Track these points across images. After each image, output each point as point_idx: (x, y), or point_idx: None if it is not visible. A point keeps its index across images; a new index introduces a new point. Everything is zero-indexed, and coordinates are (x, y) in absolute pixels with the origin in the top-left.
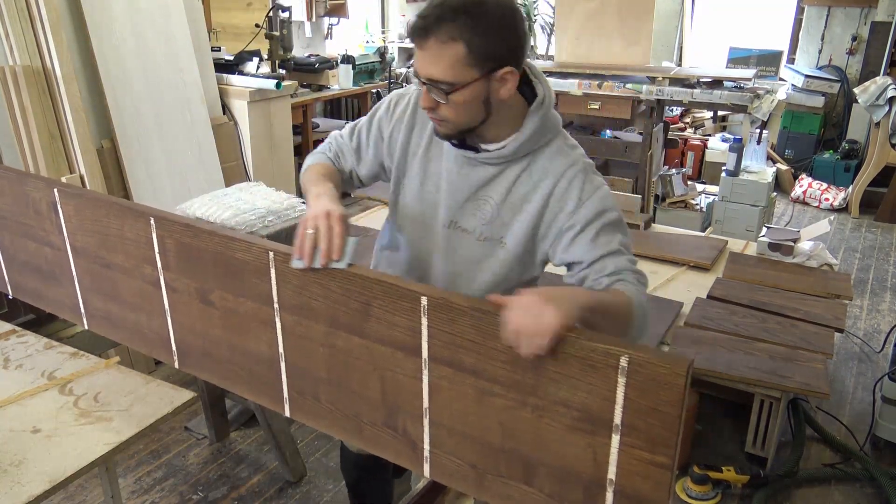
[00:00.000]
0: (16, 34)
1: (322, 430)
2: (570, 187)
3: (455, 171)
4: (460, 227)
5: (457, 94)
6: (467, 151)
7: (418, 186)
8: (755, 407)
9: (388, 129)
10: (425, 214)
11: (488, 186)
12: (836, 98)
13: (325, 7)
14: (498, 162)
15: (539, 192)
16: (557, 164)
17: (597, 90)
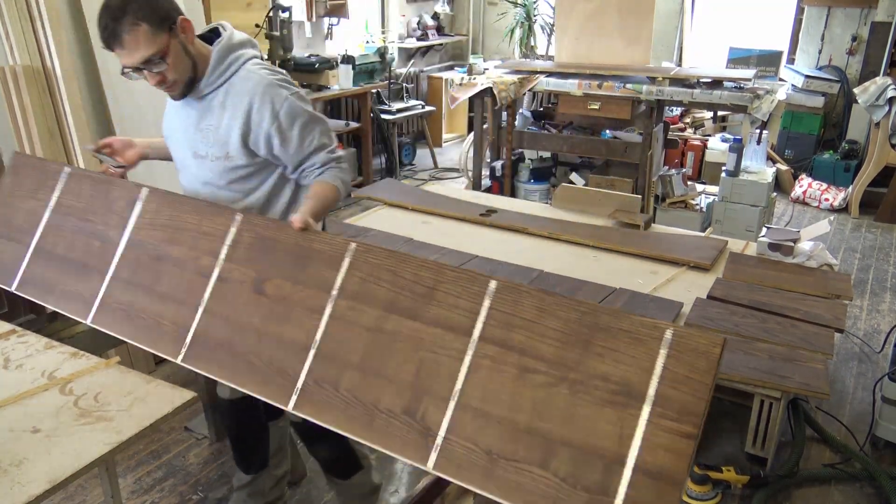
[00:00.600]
0: (16, 34)
1: (326, 423)
2: (262, 103)
3: (181, 115)
4: (199, 154)
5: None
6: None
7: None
8: (755, 407)
9: None
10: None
11: (204, 118)
12: (836, 98)
13: (325, 7)
14: (200, 96)
15: (240, 109)
16: (249, 84)
17: (597, 90)
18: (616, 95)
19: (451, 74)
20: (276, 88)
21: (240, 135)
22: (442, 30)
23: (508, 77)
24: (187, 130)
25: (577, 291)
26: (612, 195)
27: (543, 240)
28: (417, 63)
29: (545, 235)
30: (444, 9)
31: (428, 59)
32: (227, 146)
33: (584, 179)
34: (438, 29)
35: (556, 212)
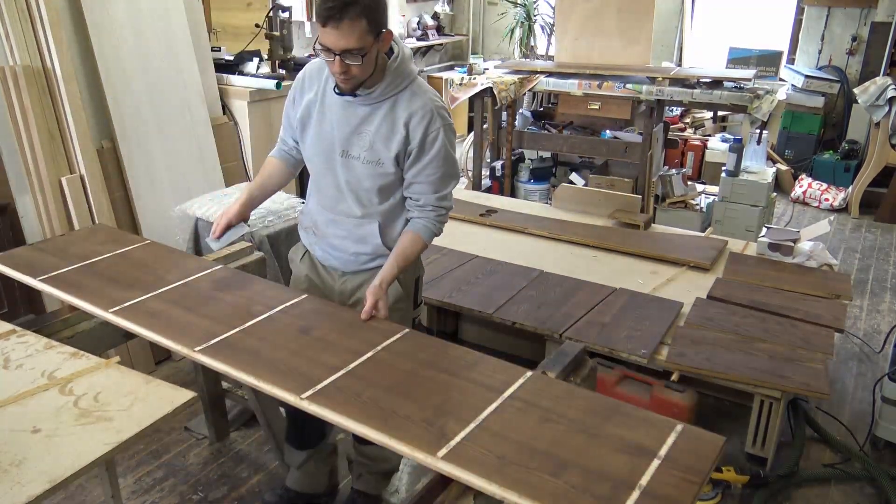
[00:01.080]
0: (16, 34)
1: (338, 416)
2: (420, 122)
3: (341, 114)
4: (350, 154)
5: (367, 56)
6: (347, 97)
7: (318, 128)
8: (755, 407)
9: (294, 104)
10: (326, 151)
11: (365, 123)
12: (836, 98)
13: None
14: (369, 103)
15: (400, 124)
16: (414, 103)
17: (597, 90)
18: (616, 95)
19: (451, 74)
20: (436, 115)
21: (396, 147)
22: (442, 30)
23: (508, 77)
24: (343, 129)
25: (577, 291)
26: (612, 195)
27: (543, 240)
28: (417, 63)
29: (545, 235)
30: (444, 9)
31: (428, 59)
32: (381, 154)
33: (584, 179)
34: (438, 29)
35: (556, 212)
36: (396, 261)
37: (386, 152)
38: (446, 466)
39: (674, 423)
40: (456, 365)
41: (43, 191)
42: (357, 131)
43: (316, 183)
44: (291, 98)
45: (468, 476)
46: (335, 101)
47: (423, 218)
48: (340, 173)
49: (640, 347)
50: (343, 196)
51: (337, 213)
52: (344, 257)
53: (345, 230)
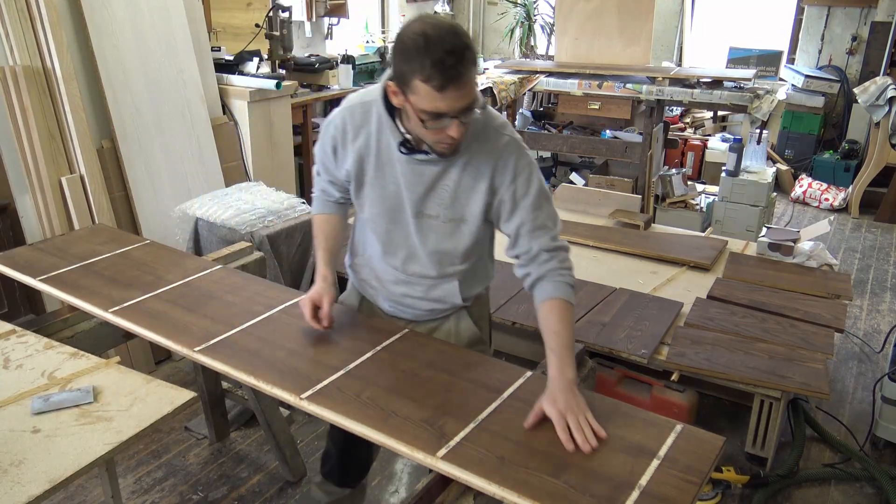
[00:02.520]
0: (16, 34)
1: (337, 416)
2: (507, 164)
3: (410, 172)
4: (426, 214)
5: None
6: (418, 154)
7: (379, 187)
8: (755, 407)
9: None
10: (392, 209)
11: (442, 178)
12: (836, 98)
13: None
14: (438, 161)
15: (484, 172)
16: (493, 145)
17: (597, 90)
18: (616, 95)
19: None
20: (519, 149)
21: (482, 200)
22: None
23: (508, 77)
24: (415, 189)
25: (578, 291)
26: (612, 195)
27: None
28: None
29: None
30: (444, 9)
31: None
32: (464, 210)
33: (584, 179)
34: None
35: None
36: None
37: (470, 207)
38: (446, 466)
39: (673, 423)
40: (456, 365)
41: (43, 191)
42: (432, 189)
43: (379, 238)
44: (331, 149)
45: (468, 476)
46: (397, 158)
47: (549, 273)
48: (414, 235)
49: (640, 347)
50: (416, 257)
51: (409, 274)
52: (415, 312)
53: (419, 292)
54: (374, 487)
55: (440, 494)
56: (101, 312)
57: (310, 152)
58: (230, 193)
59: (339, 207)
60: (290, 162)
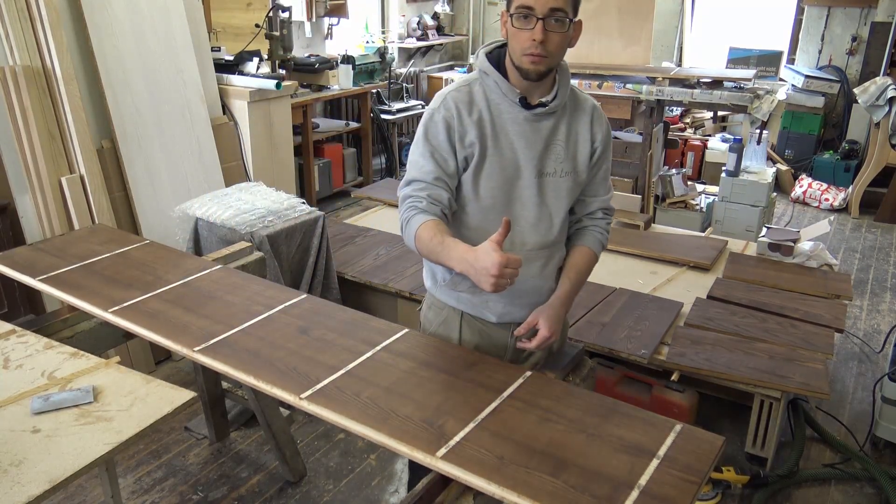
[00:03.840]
0: (16, 34)
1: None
2: (598, 120)
3: (528, 131)
4: (546, 172)
5: (563, 27)
6: (536, 109)
7: (498, 158)
8: (755, 407)
9: (457, 136)
10: (511, 179)
11: (555, 132)
12: (836, 98)
13: (325, 7)
14: (554, 111)
15: (585, 127)
16: (586, 102)
17: (597, 90)
18: (616, 95)
19: (451, 74)
20: (601, 111)
21: (587, 152)
22: (442, 30)
23: None
24: (534, 147)
25: None
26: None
27: None
28: (417, 63)
29: None
30: (444, 9)
31: (428, 59)
32: (576, 161)
33: None
34: (438, 29)
35: None
36: (573, 278)
37: (580, 157)
38: (446, 466)
39: (673, 422)
40: (455, 365)
41: (43, 191)
42: (548, 145)
43: (495, 221)
44: (445, 135)
45: (468, 476)
46: (514, 118)
47: (593, 227)
48: (534, 197)
49: (640, 347)
50: (538, 225)
51: (528, 246)
52: (536, 300)
53: (537, 267)
54: (374, 487)
55: (440, 494)
56: (101, 312)
57: (310, 152)
58: (230, 193)
59: (445, 218)
60: (290, 162)
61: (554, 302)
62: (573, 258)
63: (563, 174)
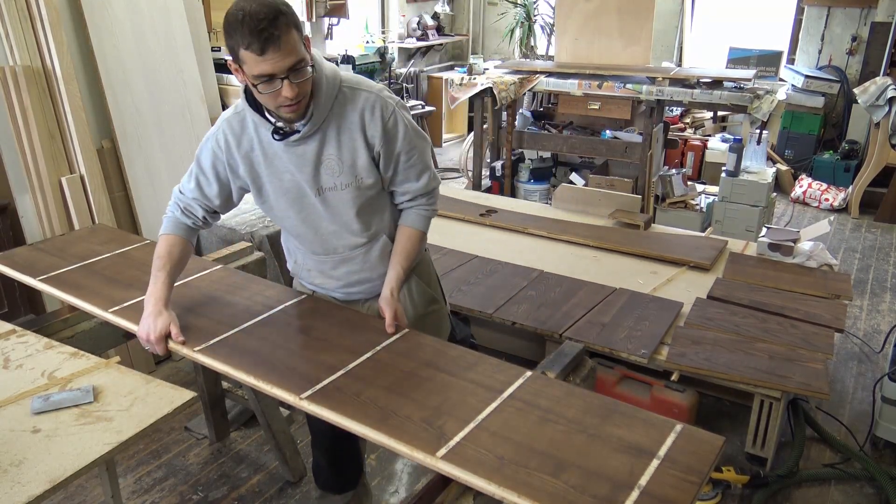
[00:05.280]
0: (16, 34)
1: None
2: (373, 117)
3: (293, 155)
4: (326, 188)
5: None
6: (290, 137)
7: (277, 182)
8: (755, 407)
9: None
10: (297, 198)
11: (324, 149)
12: (836, 98)
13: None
14: (314, 130)
15: (356, 130)
16: (358, 102)
17: (597, 90)
18: (616, 95)
19: (451, 74)
20: (383, 100)
21: (364, 155)
22: (442, 30)
23: (508, 77)
24: (305, 169)
25: (577, 291)
26: (612, 195)
27: (543, 240)
28: (417, 63)
29: (545, 235)
30: (444, 9)
31: (428, 59)
32: (356, 169)
33: (584, 179)
34: (438, 29)
35: (556, 212)
36: (400, 262)
37: (359, 165)
38: (446, 466)
39: (673, 423)
40: (455, 365)
41: (43, 191)
42: (319, 164)
43: (299, 237)
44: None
45: (468, 476)
46: (280, 148)
47: (414, 206)
48: (323, 213)
49: (640, 347)
50: (339, 232)
51: (340, 251)
52: (370, 287)
53: (358, 263)
54: (374, 488)
55: (440, 494)
56: (102, 312)
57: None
58: None
59: (191, 232)
60: None
61: (385, 290)
62: (399, 242)
63: (343, 187)
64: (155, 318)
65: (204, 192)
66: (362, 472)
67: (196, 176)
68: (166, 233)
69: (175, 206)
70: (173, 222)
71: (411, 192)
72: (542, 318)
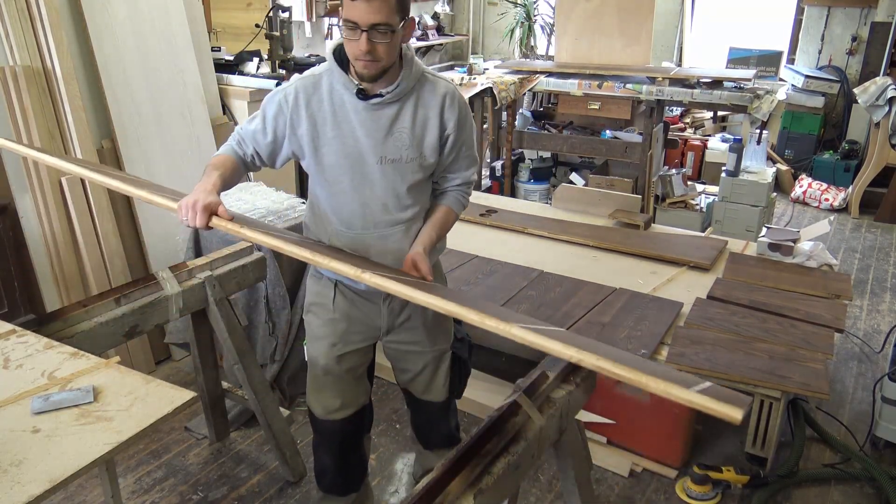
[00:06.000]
0: (16, 34)
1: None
2: (452, 105)
3: (368, 119)
4: (389, 159)
5: (390, 36)
6: (373, 99)
7: (339, 145)
8: (755, 407)
9: (288, 124)
10: (354, 163)
11: (398, 120)
12: (836, 98)
13: (325, 7)
14: (396, 99)
15: (433, 112)
16: (439, 88)
17: (597, 90)
18: (616, 95)
19: (452, 74)
20: (459, 95)
21: (434, 137)
22: (442, 30)
23: (508, 77)
24: (375, 135)
25: (577, 291)
26: (612, 195)
27: (543, 240)
28: None
29: (545, 235)
30: (444, 9)
31: (428, 59)
32: (423, 146)
33: (584, 179)
34: (438, 29)
35: (556, 212)
36: (434, 228)
37: (427, 143)
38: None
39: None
40: None
41: (43, 191)
42: (391, 133)
43: (340, 208)
44: (273, 115)
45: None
46: (355, 108)
47: (455, 191)
48: (379, 181)
49: (640, 347)
50: (387, 205)
51: (383, 227)
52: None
53: (396, 241)
54: (374, 488)
55: (440, 494)
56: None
57: None
58: (230, 194)
59: (242, 161)
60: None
61: (417, 247)
62: (436, 214)
63: (408, 160)
64: (206, 194)
65: (256, 138)
66: (367, 473)
67: (258, 120)
68: (221, 153)
69: (232, 138)
70: (228, 148)
71: (460, 179)
72: (541, 318)
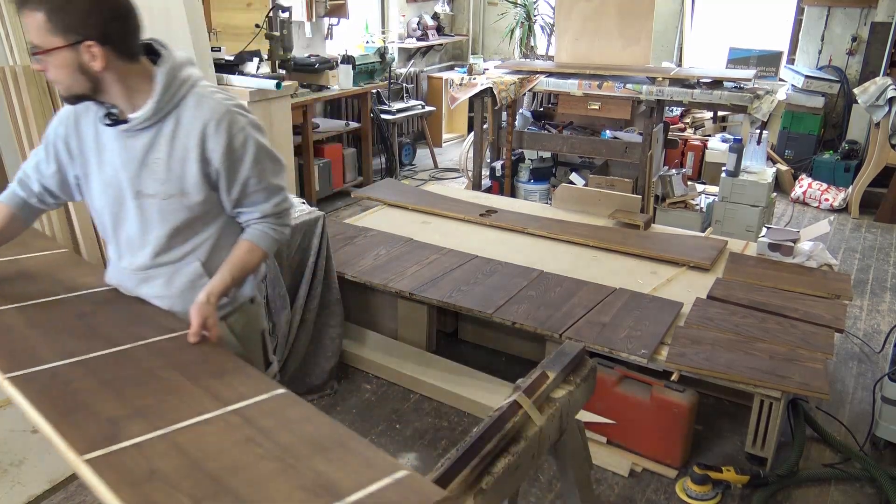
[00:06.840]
0: (16, 34)
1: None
2: (217, 130)
3: (121, 147)
4: (146, 194)
5: (45, 59)
6: (120, 125)
7: (100, 174)
8: (755, 407)
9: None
10: (115, 198)
11: (152, 150)
12: (836, 98)
13: (325, 7)
14: (147, 125)
15: (193, 140)
16: (203, 110)
17: (597, 90)
18: (616, 95)
19: (451, 74)
20: (234, 115)
21: (196, 169)
22: (442, 30)
23: (508, 77)
24: (129, 166)
25: (577, 291)
26: (612, 195)
27: (543, 240)
28: (417, 63)
29: (545, 235)
30: (444, 9)
31: (428, 59)
32: (184, 181)
33: (584, 179)
34: (438, 29)
35: (556, 212)
36: (228, 269)
37: (189, 181)
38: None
39: (399, 468)
40: (205, 371)
41: None
42: (144, 164)
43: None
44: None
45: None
46: (109, 136)
47: (261, 224)
48: (134, 220)
49: (640, 347)
50: (144, 246)
51: (145, 268)
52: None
53: (161, 285)
54: None
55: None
56: None
57: (310, 152)
58: None
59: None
60: (290, 162)
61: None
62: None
63: (167, 196)
64: None
65: (40, 170)
66: None
67: (39, 149)
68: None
69: (13, 180)
70: (5, 196)
71: (259, 212)
72: (541, 318)
